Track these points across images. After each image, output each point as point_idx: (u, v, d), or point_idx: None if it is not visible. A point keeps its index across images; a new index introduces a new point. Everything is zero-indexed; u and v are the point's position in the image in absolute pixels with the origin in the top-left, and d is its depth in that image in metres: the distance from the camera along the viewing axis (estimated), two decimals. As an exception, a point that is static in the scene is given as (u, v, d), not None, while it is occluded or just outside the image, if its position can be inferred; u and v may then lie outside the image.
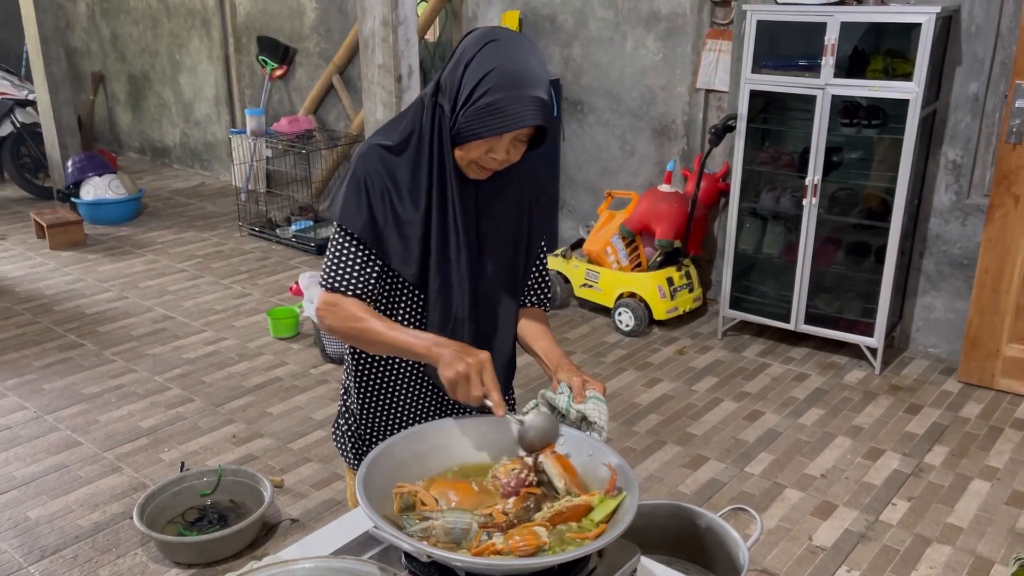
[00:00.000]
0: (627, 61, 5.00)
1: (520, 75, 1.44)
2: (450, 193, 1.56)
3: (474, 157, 1.52)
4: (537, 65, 1.47)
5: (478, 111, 1.45)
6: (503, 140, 1.49)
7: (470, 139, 1.48)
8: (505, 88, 1.43)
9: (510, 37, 1.49)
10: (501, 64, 1.44)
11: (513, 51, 1.46)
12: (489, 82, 1.44)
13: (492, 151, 1.50)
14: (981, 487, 3.26)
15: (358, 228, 1.55)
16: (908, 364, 4.28)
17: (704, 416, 3.79)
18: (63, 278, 5.48)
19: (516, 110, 1.43)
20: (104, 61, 8.72)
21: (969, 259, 4.11)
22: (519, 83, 1.44)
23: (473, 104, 1.45)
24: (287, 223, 6.29)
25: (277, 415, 3.80)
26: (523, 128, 1.47)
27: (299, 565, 1.27)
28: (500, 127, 1.45)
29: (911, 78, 3.74)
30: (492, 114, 1.44)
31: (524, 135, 1.51)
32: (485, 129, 1.45)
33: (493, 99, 1.43)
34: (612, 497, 1.37)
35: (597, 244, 4.76)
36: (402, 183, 1.56)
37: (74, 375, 4.16)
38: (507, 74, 1.44)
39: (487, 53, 1.45)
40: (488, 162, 1.53)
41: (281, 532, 3.00)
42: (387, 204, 1.56)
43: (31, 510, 3.10)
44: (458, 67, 1.48)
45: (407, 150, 1.56)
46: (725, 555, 2.39)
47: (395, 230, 1.56)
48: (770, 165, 4.41)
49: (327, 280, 1.59)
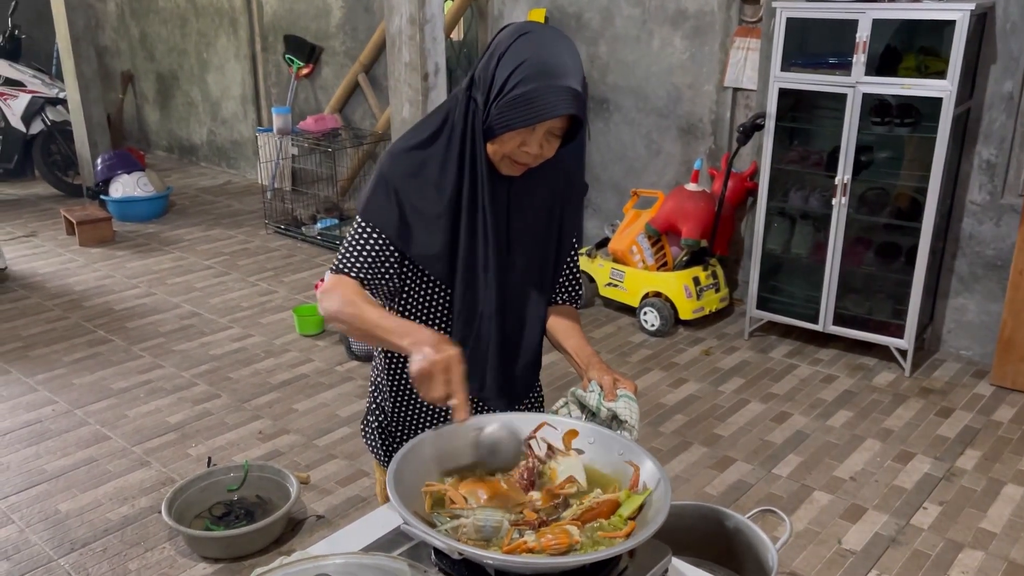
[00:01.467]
0: (654, 59, 4.96)
1: (552, 66, 1.43)
2: (480, 189, 1.55)
3: (507, 151, 1.50)
4: (570, 57, 1.45)
5: (510, 102, 1.43)
6: (536, 133, 1.47)
7: (503, 131, 1.46)
8: (537, 79, 1.42)
9: (544, 30, 1.48)
10: (533, 55, 1.43)
11: (546, 43, 1.45)
12: (521, 73, 1.42)
13: (525, 144, 1.48)
14: (1015, 492, 3.20)
15: (382, 224, 1.55)
16: (939, 367, 4.22)
17: (731, 417, 3.76)
18: (92, 274, 5.54)
19: (548, 100, 1.41)
20: (133, 60, 8.82)
21: (1003, 260, 4.04)
22: (551, 73, 1.42)
23: (506, 96, 1.44)
24: (312, 221, 6.32)
25: (303, 412, 3.81)
26: (556, 118, 1.44)
27: (329, 561, 1.26)
28: (532, 117, 1.43)
29: (944, 76, 3.68)
30: (524, 104, 1.42)
31: (558, 128, 1.49)
32: (517, 120, 1.44)
33: (525, 90, 1.42)
34: (638, 493, 1.36)
35: (622, 243, 4.73)
36: (430, 178, 1.55)
37: (103, 370, 4.20)
38: (539, 64, 1.42)
39: (520, 45, 1.44)
40: (521, 156, 1.51)
41: (307, 528, 3.01)
42: (413, 202, 1.55)
43: (61, 503, 3.13)
44: (492, 60, 1.47)
45: (437, 143, 1.55)
46: (753, 557, 2.36)
47: (422, 227, 1.56)
48: (799, 164, 4.36)
49: (336, 263, 1.58)
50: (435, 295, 1.64)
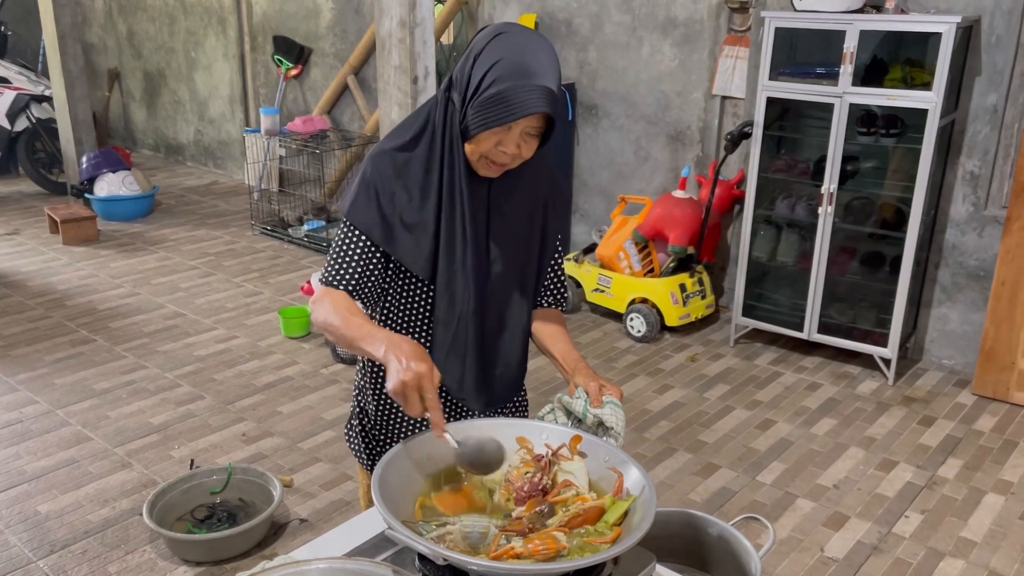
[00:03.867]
0: (643, 66, 4.98)
1: (527, 65, 1.43)
2: (458, 188, 1.55)
3: (484, 151, 1.50)
4: (546, 57, 1.45)
5: (485, 102, 1.44)
6: (512, 132, 1.47)
7: (479, 131, 1.47)
8: (511, 78, 1.42)
9: (520, 31, 1.48)
10: (508, 55, 1.43)
11: (522, 43, 1.45)
12: (496, 72, 1.43)
13: (502, 144, 1.48)
14: (995, 501, 3.22)
15: (366, 226, 1.56)
16: (922, 376, 4.25)
17: (715, 424, 3.77)
18: (76, 273, 5.50)
19: (523, 99, 1.41)
20: (120, 58, 8.76)
21: (986, 271, 4.08)
22: (526, 73, 1.42)
23: (480, 95, 1.44)
24: (299, 223, 6.30)
25: (287, 414, 3.79)
26: (529, 116, 1.44)
27: (312, 566, 1.26)
28: (506, 116, 1.43)
29: (930, 87, 3.71)
30: (498, 103, 1.42)
31: (535, 128, 1.49)
32: (492, 119, 1.44)
33: (500, 89, 1.42)
34: (622, 499, 1.36)
35: (610, 249, 4.74)
36: (413, 180, 1.56)
37: (85, 370, 4.16)
38: (514, 64, 1.42)
39: (496, 45, 1.45)
40: (499, 156, 1.51)
41: (290, 532, 2.99)
42: (397, 204, 1.56)
43: (41, 504, 3.10)
44: (468, 61, 1.48)
45: (419, 145, 1.56)
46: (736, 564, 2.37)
47: (405, 228, 1.56)
48: (785, 173, 4.39)
49: (325, 274, 1.59)
50: (417, 296, 1.64)
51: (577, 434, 1.49)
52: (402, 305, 1.65)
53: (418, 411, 1.37)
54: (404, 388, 1.35)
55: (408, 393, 1.35)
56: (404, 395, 1.35)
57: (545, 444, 1.48)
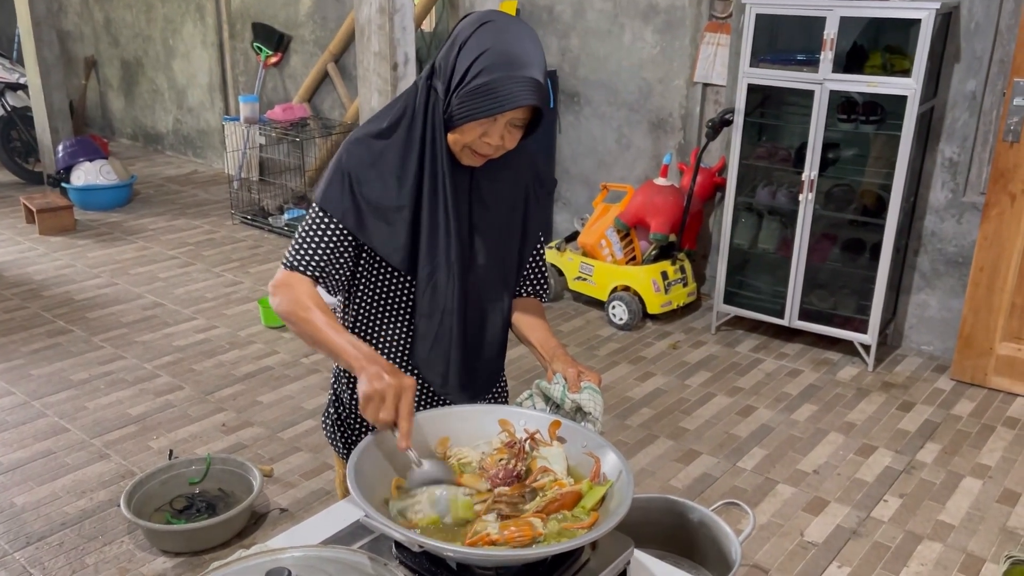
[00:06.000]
0: (624, 53, 4.97)
1: (515, 56, 1.41)
2: (441, 178, 1.52)
3: (468, 141, 1.48)
4: (533, 47, 1.44)
5: (471, 92, 1.41)
6: (497, 123, 1.45)
7: (464, 121, 1.44)
8: (499, 68, 1.40)
9: (506, 19, 1.46)
10: (495, 45, 1.41)
11: (508, 33, 1.43)
12: (483, 63, 1.40)
13: (486, 135, 1.46)
14: (973, 485, 3.25)
15: (339, 212, 1.52)
16: (901, 361, 4.28)
17: (697, 411, 3.78)
18: (52, 263, 5.43)
19: (509, 90, 1.40)
20: (97, 46, 8.65)
21: (964, 257, 4.11)
22: (513, 64, 1.40)
23: (467, 85, 1.42)
24: (280, 211, 6.25)
25: (267, 404, 3.77)
26: (517, 109, 1.43)
27: (288, 554, 1.24)
28: (493, 108, 1.41)
29: (909, 74, 3.72)
30: (485, 95, 1.40)
31: (520, 119, 1.48)
32: (478, 110, 1.42)
33: (487, 80, 1.40)
34: (599, 484, 1.36)
35: (592, 237, 4.73)
36: (389, 168, 1.53)
37: (62, 361, 4.12)
38: (501, 54, 1.40)
39: (482, 34, 1.42)
40: (482, 147, 1.49)
41: (270, 521, 2.97)
42: (371, 192, 1.52)
43: (17, 496, 3.07)
44: (452, 49, 1.45)
45: (396, 132, 1.53)
46: (717, 550, 2.38)
47: (380, 216, 1.53)
48: (767, 160, 4.39)
49: (289, 258, 1.55)
50: (395, 287, 1.62)
51: (556, 419, 1.48)
52: (379, 296, 1.63)
53: (389, 419, 1.34)
54: (385, 391, 1.33)
55: (388, 397, 1.33)
56: (383, 398, 1.33)
57: (524, 429, 1.48)
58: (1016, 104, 3.66)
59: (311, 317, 1.47)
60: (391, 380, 1.34)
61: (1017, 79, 3.64)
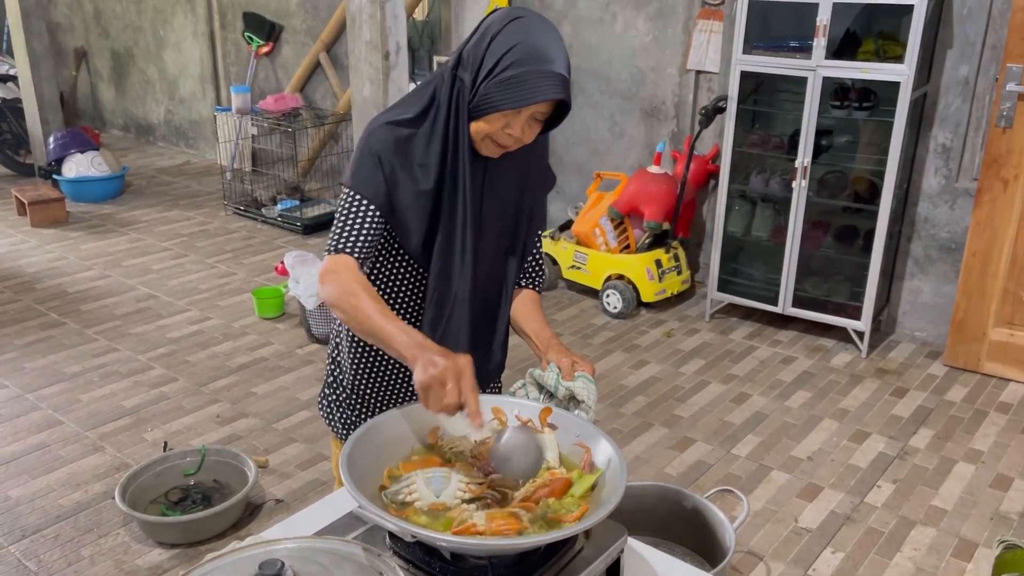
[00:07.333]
0: (617, 41, 4.95)
1: (543, 51, 1.46)
2: (462, 168, 1.55)
3: (491, 131, 1.51)
4: (559, 46, 1.49)
5: (501, 83, 1.45)
6: (521, 116, 1.49)
7: (490, 111, 1.48)
8: (529, 62, 1.45)
9: (536, 17, 1.51)
10: (525, 40, 1.46)
11: (537, 30, 1.48)
12: (513, 56, 1.45)
13: (509, 126, 1.50)
14: (966, 470, 3.27)
15: (371, 194, 1.54)
16: (894, 348, 4.29)
17: (691, 398, 3.79)
18: (45, 256, 5.41)
19: (539, 83, 1.45)
20: (87, 37, 8.59)
21: (957, 243, 4.11)
22: (542, 59, 1.45)
23: (496, 76, 1.46)
24: (273, 202, 6.22)
25: (262, 395, 3.77)
26: (543, 102, 1.47)
27: (281, 545, 1.24)
28: (521, 99, 1.45)
29: (902, 60, 3.71)
30: (514, 86, 1.45)
31: (542, 113, 1.52)
32: (506, 101, 1.46)
33: (517, 72, 1.44)
34: (589, 473, 1.36)
35: (585, 226, 4.73)
36: (415, 157, 1.55)
37: (56, 354, 4.11)
38: (531, 49, 1.45)
39: (512, 29, 1.47)
40: (503, 138, 1.52)
41: (265, 512, 2.98)
42: (397, 177, 1.54)
43: (11, 489, 3.06)
44: (483, 41, 1.49)
45: (424, 123, 1.55)
46: (712, 536, 2.39)
47: (404, 202, 1.55)
48: (760, 147, 4.39)
49: (332, 242, 1.55)
50: (406, 274, 1.64)
51: (547, 407, 1.48)
52: (393, 282, 1.65)
53: (454, 402, 1.32)
54: (444, 375, 1.31)
55: (448, 380, 1.31)
56: (443, 383, 1.31)
57: (516, 416, 1.48)
58: (1009, 89, 3.65)
59: (359, 304, 1.45)
60: (446, 363, 1.32)
61: (1010, 64, 3.64)
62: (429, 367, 1.32)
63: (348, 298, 1.47)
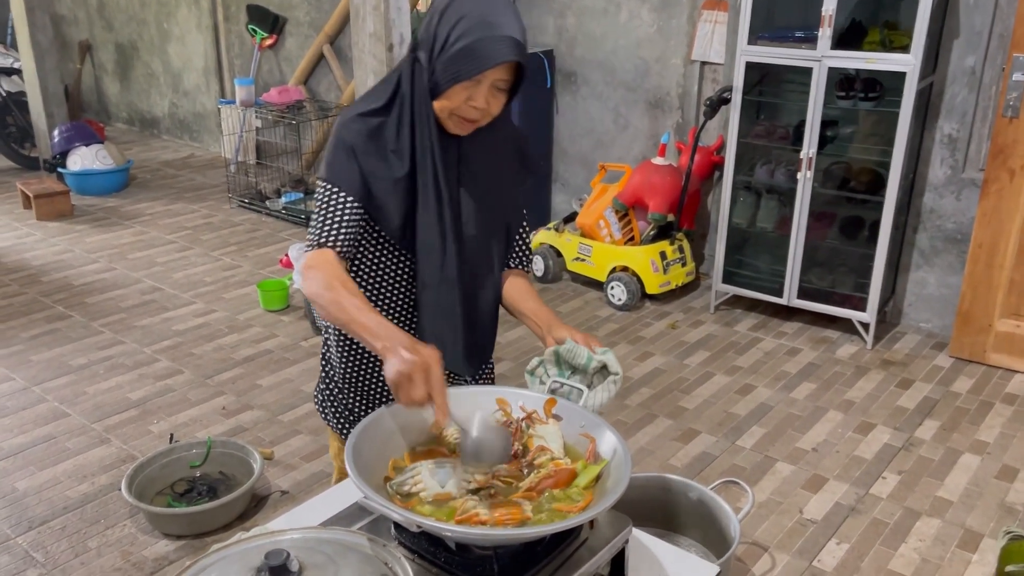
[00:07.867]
0: (621, 32, 4.93)
1: (492, 19, 1.46)
2: (430, 147, 1.55)
3: (454, 106, 1.51)
4: (508, 10, 1.49)
5: (454, 56, 1.46)
6: (481, 86, 1.49)
7: (449, 86, 1.48)
8: (478, 30, 1.45)
9: None
10: (472, 11, 1.46)
11: (484, 1, 1.48)
12: (463, 27, 1.45)
13: (472, 99, 1.50)
14: (971, 461, 3.27)
15: (347, 185, 1.54)
16: (900, 339, 4.28)
17: (696, 390, 3.79)
18: (50, 249, 5.42)
19: (491, 49, 1.44)
20: (91, 30, 8.58)
21: (963, 234, 4.10)
22: (492, 26, 1.45)
23: (449, 50, 1.46)
24: (277, 195, 6.23)
25: (267, 387, 3.77)
26: (498, 67, 1.46)
27: (287, 536, 1.25)
28: (475, 68, 1.45)
29: (908, 50, 3.69)
30: (467, 56, 1.45)
31: (503, 81, 1.51)
32: (463, 72, 1.46)
33: (468, 42, 1.45)
34: (594, 464, 1.36)
35: (590, 218, 4.72)
36: (387, 144, 1.56)
37: (62, 346, 4.12)
38: (480, 17, 1.45)
39: (459, 3, 1.47)
40: (468, 112, 1.51)
41: (271, 504, 2.99)
42: (372, 166, 1.55)
43: (18, 481, 3.08)
44: (433, 19, 1.49)
45: (393, 110, 1.56)
46: (716, 527, 2.39)
47: (382, 190, 1.56)
48: (765, 138, 4.37)
49: (313, 237, 1.56)
50: (392, 261, 1.64)
51: (551, 397, 1.48)
52: (380, 268, 1.65)
53: (422, 396, 1.31)
54: (411, 370, 1.30)
55: (415, 375, 1.31)
56: (410, 378, 1.31)
57: (521, 407, 1.48)
58: (1015, 79, 3.63)
59: (338, 298, 1.46)
60: (413, 358, 1.32)
61: (1017, 54, 3.62)
62: (398, 364, 1.32)
63: (327, 292, 1.47)
